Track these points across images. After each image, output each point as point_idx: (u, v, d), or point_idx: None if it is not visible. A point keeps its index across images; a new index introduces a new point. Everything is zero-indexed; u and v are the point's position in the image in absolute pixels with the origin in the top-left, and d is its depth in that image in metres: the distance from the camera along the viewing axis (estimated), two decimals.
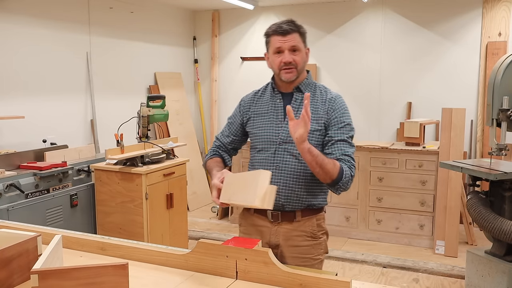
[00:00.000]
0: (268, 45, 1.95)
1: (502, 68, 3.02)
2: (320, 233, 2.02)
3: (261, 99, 2.03)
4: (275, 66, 1.92)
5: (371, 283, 1.39)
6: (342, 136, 1.87)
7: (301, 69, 1.91)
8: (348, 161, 1.83)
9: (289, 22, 1.91)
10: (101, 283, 1.21)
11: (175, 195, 3.74)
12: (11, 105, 3.81)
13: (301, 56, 1.90)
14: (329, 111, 1.90)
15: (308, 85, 1.97)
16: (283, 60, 1.87)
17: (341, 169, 1.78)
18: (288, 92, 1.97)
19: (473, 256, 3.20)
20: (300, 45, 1.90)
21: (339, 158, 1.82)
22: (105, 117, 4.69)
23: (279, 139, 1.91)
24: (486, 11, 4.93)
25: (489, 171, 2.92)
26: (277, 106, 1.97)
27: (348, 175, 1.81)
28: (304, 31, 1.94)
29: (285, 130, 1.89)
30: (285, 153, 1.89)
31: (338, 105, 1.91)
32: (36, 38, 4.02)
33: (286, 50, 1.87)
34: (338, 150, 1.85)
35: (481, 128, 5.02)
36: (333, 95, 1.95)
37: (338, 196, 4.72)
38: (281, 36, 1.88)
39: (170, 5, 5.81)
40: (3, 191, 3.01)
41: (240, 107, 2.08)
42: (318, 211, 1.99)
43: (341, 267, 3.99)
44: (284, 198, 1.88)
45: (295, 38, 1.88)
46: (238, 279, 1.41)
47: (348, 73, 5.57)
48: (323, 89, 1.98)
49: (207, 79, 6.32)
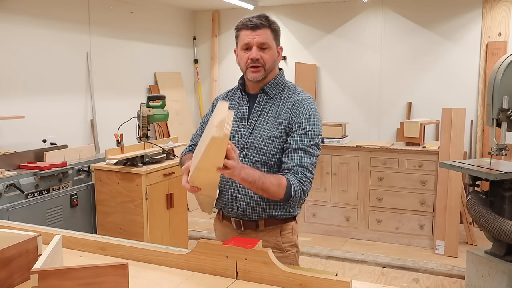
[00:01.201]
0: (237, 39, 1.81)
1: (502, 68, 3.02)
2: (287, 245, 1.84)
3: (232, 99, 1.90)
4: (242, 63, 1.78)
5: (371, 283, 1.38)
6: (300, 144, 1.70)
7: (269, 68, 1.77)
8: (301, 173, 1.67)
9: (261, 16, 1.78)
10: (101, 283, 1.21)
11: (175, 195, 3.74)
12: (11, 105, 3.81)
13: (270, 54, 1.76)
14: (292, 116, 1.74)
15: (276, 86, 1.81)
16: (250, 56, 1.73)
17: (288, 187, 1.63)
18: (256, 93, 1.83)
19: (473, 256, 3.20)
20: (271, 42, 1.76)
21: (292, 168, 1.68)
22: (105, 117, 4.69)
23: (240, 144, 1.78)
24: (486, 11, 4.93)
25: (489, 171, 2.92)
26: (242, 108, 1.84)
27: (298, 191, 1.65)
28: (277, 27, 1.80)
29: (246, 135, 1.78)
30: (246, 160, 1.76)
31: (302, 109, 1.75)
32: (36, 38, 4.02)
33: (254, 46, 1.73)
34: (293, 160, 1.69)
35: (481, 128, 5.02)
36: (300, 97, 1.78)
37: (338, 196, 4.75)
38: (251, 30, 1.75)
39: (170, 5, 5.81)
40: (3, 191, 3.01)
41: (213, 107, 1.97)
42: (283, 222, 1.82)
43: (341, 267, 3.99)
44: (243, 207, 1.77)
45: (266, 34, 1.75)
46: (238, 279, 1.41)
47: (348, 73, 5.57)
48: (292, 91, 1.82)
49: (207, 79, 6.33)
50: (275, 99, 1.80)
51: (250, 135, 1.78)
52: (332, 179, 4.76)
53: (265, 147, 1.75)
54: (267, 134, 1.75)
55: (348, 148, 4.68)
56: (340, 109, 5.53)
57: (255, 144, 1.76)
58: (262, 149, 1.75)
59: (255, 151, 1.76)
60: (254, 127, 1.79)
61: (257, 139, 1.76)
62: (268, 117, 1.78)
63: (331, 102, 5.58)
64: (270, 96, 1.80)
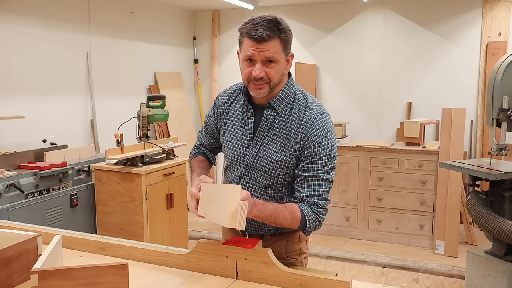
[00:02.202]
0: (240, 46, 1.57)
1: (502, 68, 3.02)
2: (292, 254, 1.77)
3: (235, 103, 1.74)
4: (243, 75, 1.57)
5: (371, 283, 1.39)
6: (313, 172, 1.57)
7: (275, 83, 1.56)
8: (316, 204, 1.57)
9: (270, 24, 1.49)
10: (101, 283, 1.21)
11: (175, 195, 3.74)
12: (11, 105, 3.81)
13: (277, 69, 1.53)
14: (303, 139, 1.57)
15: (284, 99, 1.62)
16: (253, 73, 1.52)
17: (302, 219, 1.55)
18: (262, 104, 1.65)
19: (473, 256, 3.20)
20: (279, 56, 1.52)
21: (306, 199, 1.57)
22: (105, 117, 4.69)
23: (245, 162, 1.67)
24: (486, 11, 4.93)
25: (489, 171, 2.92)
26: (247, 122, 1.67)
27: (313, 222, 1.58)
28: (288, 36, 1.54)
29: (252, 154, 1.66)
30: (250, 180, 1.68)
31: (315, 131, 1.57)
32: (36, 38, 4.02)
33: (258, 61, 1.51)
34: (307, 189, 1.58)
35: (481, 128, 5.02)
36: (312, 115, 1.58)
37: (338, 196, 4.74)
38: (255, 42, 1.49)
39: (170, 5, 5.81)
40: (3, 191, 3.01)
41: (215, 109, 1.81)
42: (291, 232, 1.74)
43: (341, 267, 3.99)
44: (248, 225, 1.69)
45: (274, 47, 1.50)
46: (238, 279, 1.41)
47: (348, 73, 5.57)
48: (302, 105, 1.61)
49: (207, 79, 6.33)
50: (284, 115, 1.62)
51: (256, 155, 1.66)
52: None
53: (273, 171, 1.64)
54: (275, 158, 1.62)
55: (348, 148, 4.68)
56: (340, 109, 5.53)
57: (262, 167, 1.65)
58: (269, 172, 1.65)
59: (262, 173, 1.66)
60: (260, 146, 1.65)
61: (264, 162, 1.64)
62: (276, 138, 1.63)
63: (331, 102, 5.58)
64: (277, 112, 1.62)
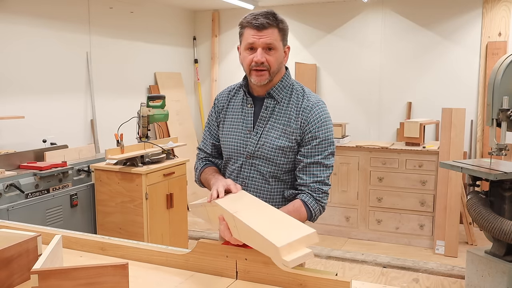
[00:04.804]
0: (241, 37, 1.68)
1: (502, 68, 3.02)
2: None
3: (234, 99, 1.80)
4: (245, 64, 1.66)
5: (371, 283, 1.38)
6: (315, 157, 1.63)
7: (275, 71, 1.66)
8: (318, 189, 1.63)
9: (268, 14, 1.62)
10: (101, 283, 1.21)
11: (175, 195, 3.74)
12: (11, 105, 3.81)
13: (276, 56, 1.64)
14: (303, 124, 1.65)
15: (283, 89, 1.71)
16: (254, 59, 1.61)
17: (308, 213, 1.62)
18: (261, 96, 1.73)
19: (473, 256, 3.20)
20: (278, 44, 1.63)
21: (308, 185, 1.63)
22: (105, 117, 4.69)
23: (246, 152, 1.70)
24: (486, 11, 4.93)
25: (489, 171, 2.92)
26: (247, 113, 1.73)
27: (318, 209, 1.64)
28: (285, 27, 1.67)
29: (253, 142, 1.69)
30: (251, 169, 1.71)
31: (314, 116, 1.66)
32: (36, 38, 4.02)
33: (259, 48, 1.61)
34: (309, 175, 1.64)
35: (481, 128, 5.02)
36: (310, 102, 1.68)
37: (338, 196, 4.75)
38: (256, 30, 1.61)
39: (170, 5, 5.81)
40: (3, 191, 3.01)
41: (216, 108, 1.86)
42: None
43: (341, 267, 3.99)
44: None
45: (273, 34, 1.61)
46: (238, 279, 1.41)
47: (348, 73, 5.57)
48: (300, 93, 1.72)
49: (207, 79, 6.33)
50: (283, 104, 1.70)
51: (257, 143, 1.69)
52: (332, 179, 4.75)
53: (275, 157, 1.67)
54: (276, 143, 1.66)
55: (348, 148, 4.68)
56: (340, 109, 5.53)
57: (264, 154, 1.67)
58: (272, 159, 1.67)
59: (264, 161, 1.68)
60: (261, 134, 1.69)
61: (266, 148, 1.67)
62: (277, 125, 1.68)
63: (331, 102, 5.57)
64: (277, 100, 1.70)
